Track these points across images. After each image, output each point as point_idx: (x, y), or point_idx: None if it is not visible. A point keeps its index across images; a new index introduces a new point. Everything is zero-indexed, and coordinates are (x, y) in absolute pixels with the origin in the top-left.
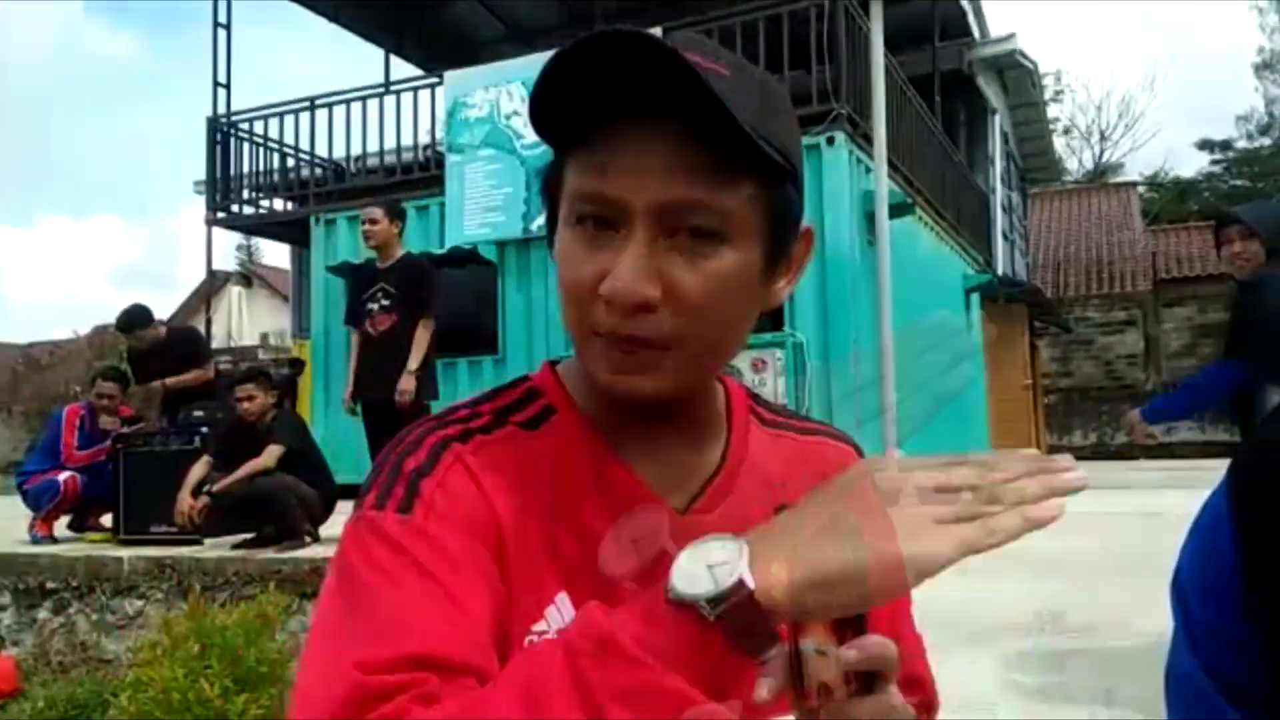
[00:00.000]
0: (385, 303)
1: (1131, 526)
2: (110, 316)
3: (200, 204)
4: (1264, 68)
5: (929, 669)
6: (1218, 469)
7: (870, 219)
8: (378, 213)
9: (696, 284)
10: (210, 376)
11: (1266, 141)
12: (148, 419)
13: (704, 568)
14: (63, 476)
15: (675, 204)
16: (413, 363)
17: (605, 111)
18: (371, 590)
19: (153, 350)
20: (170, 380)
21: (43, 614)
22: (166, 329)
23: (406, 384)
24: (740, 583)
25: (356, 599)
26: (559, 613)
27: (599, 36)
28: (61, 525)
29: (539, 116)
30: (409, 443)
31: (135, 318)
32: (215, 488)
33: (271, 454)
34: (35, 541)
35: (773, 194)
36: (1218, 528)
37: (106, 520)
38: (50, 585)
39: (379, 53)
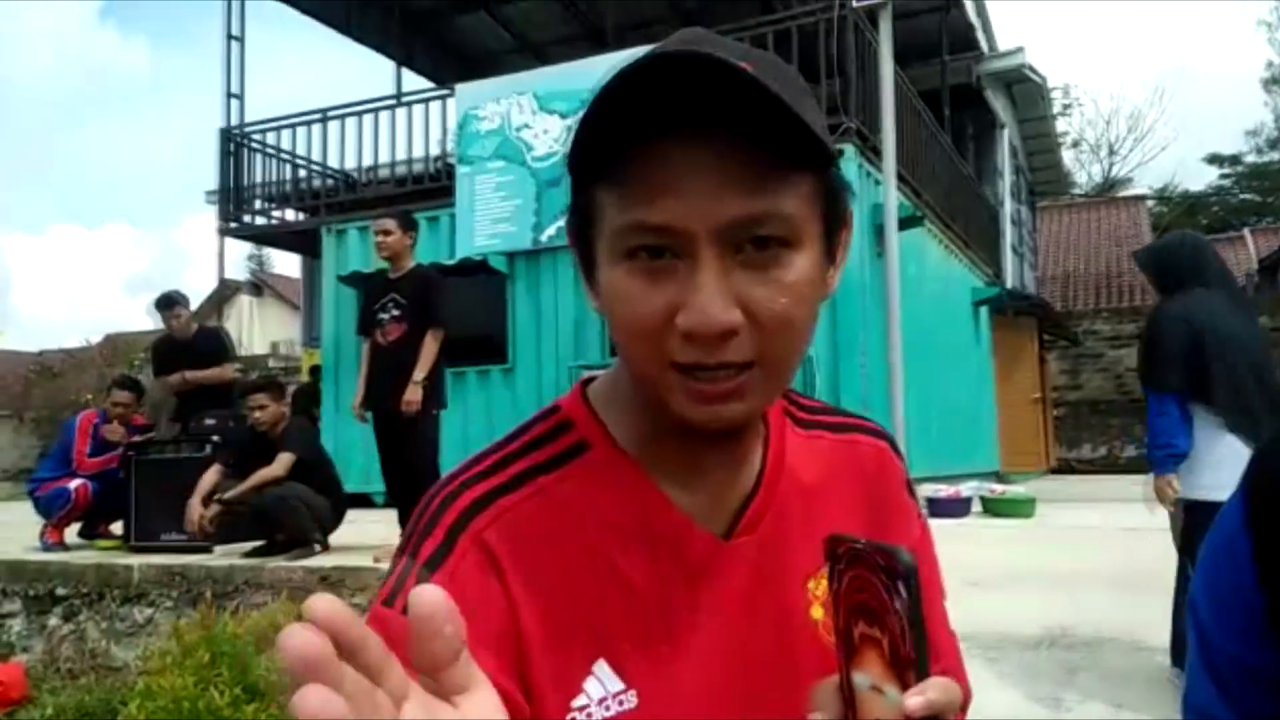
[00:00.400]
0: (396, 313)
1: (1141, 541)
2: (121, 325)
3: (212, 214)
4: (1273, 82)
5: (963, 667)
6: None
7: (879, 231)
8: (391, 223)
9: (774, 298)
10: (230, 377)
11: (1276, 156)
12: (159, 427)
13: None
14: (74, 484)
15: (739, 220)
16: (419, 373)
17: (644, 132)
18: None
19: (179, 343)
20: (190, 374)
21: (53, 621)
22: (197, 325)
23: (413, 394)
24: None
25: None
26: (599, 683)
27: (654, 61)
28: (72, 533)
29: (588, 144)
30: (430, 516)
31: (174, 297)
32: (226, 496)
33: (282, 463)
34: (46, 549)
35: (825, 186)
36: (1232, 549)
37: (117, 528)
38: (60, 592)
39: (390, 65)
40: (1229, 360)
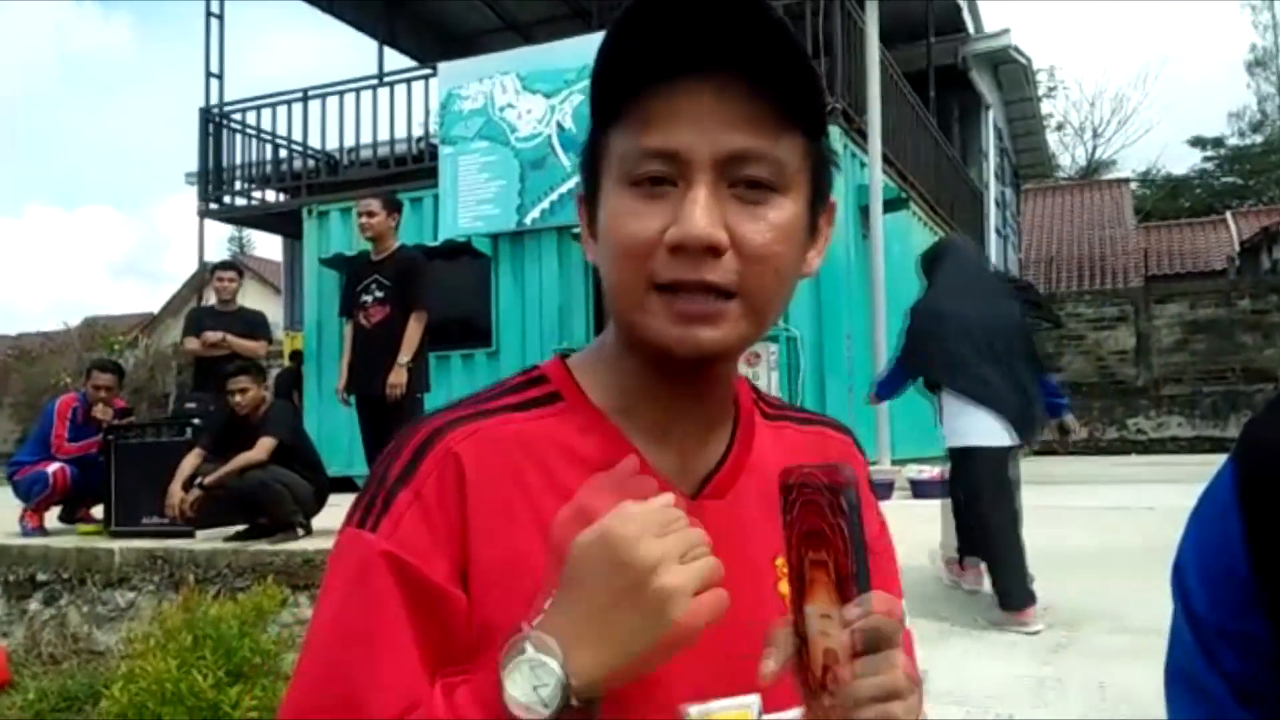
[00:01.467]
0: (379, 295)
1: (1123, 521)
2: (101, 309)
3: (192, 195)
4: (1256, 65)
5: (915, 663)
6: (1207, 463)
7: (864, 213)
8: (375, 204)
9: (759, 231)
10: (262, 353)
11: (1258, 139)
12: (138, 411)
13: (532, 691)
14: (52, 468)
15: (736, 154)
16: (403, 355)
17: (663, 68)
18: (322, 609)
19: (220, 312)
20: (232, 338)
21: (34, 606)
22: (240, 306)
23: (397, 377)
24: (567, 702)
25: (315, 612)
26: None
27: None
28: (53, 517)
29: (605, 77)
30: (400, 440)
31: (229, 262)
32: (207, 480)
33: (264, 446)
34: (26, 533)
35: (816, 146)
36: (1222, 520)
37: (98, 512)
38: (41, 577)
39: (372, 44)
40: (951, 342)
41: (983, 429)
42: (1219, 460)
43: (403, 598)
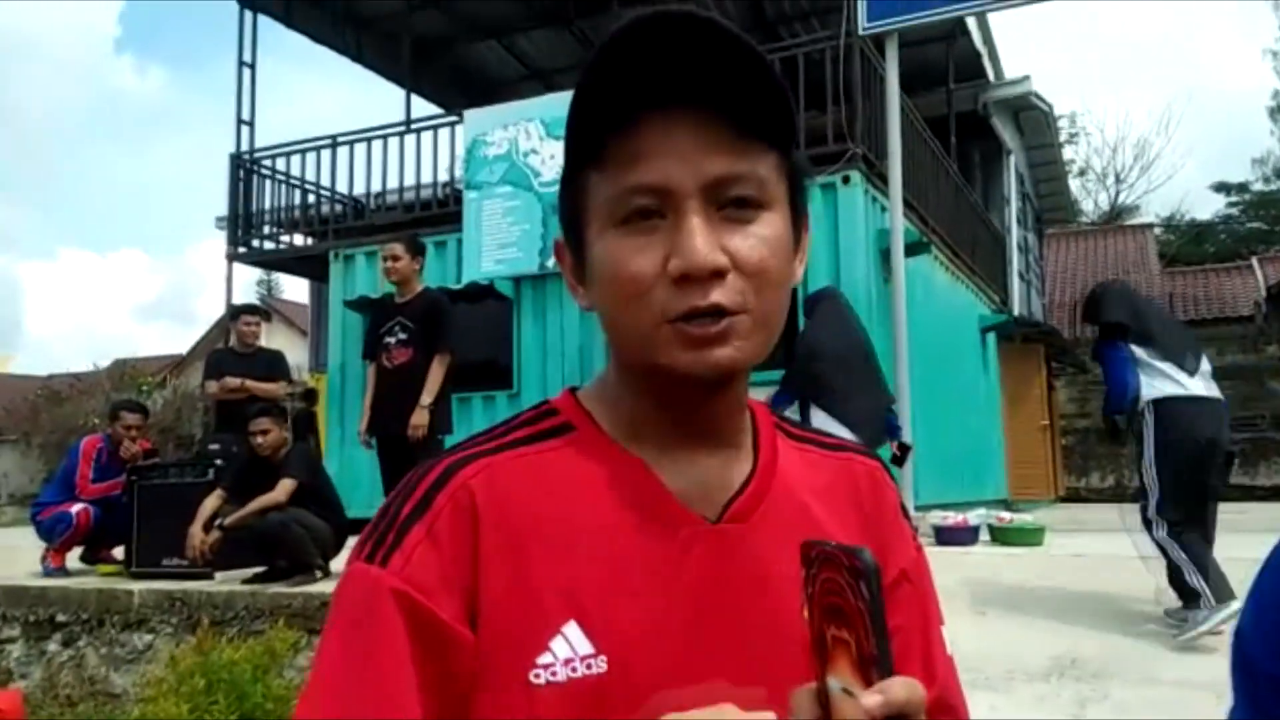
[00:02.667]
0: (403, 336)
1: (1143, 570)
2: (131, 351)
3: (221, 239)
4: (1278, 111)
5: (960, 691)
6: (1238, 510)
7: (886, 257)
8: (399, 248)
9: (753, 247)
10: (282, 395)
11: None
12: (165, 452)
13: None
14: (75, 509)
15: (721, 178)
16: (426, 397)
17: (637, 104)
18: (326, 643)
19: (240, 354)
20: (251, 382)
21: (52, 647)
22: (260, 348)
23: (419, 418)
24: None
25: (320, 645)
26: (568, 644)
27: (650, 20)
28: (74, 557)
29: (581, 119)
30: (415, 478)
31: (250, 306)
32: (227, 521)
33: (284, 488)
34: (47, 573)
35: (790, 165)
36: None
37: (119, 553)
38: (61, 618)
39: (400, 92)
40: (826, 369)
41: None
42: (1248, 509)
43: (409, 635)
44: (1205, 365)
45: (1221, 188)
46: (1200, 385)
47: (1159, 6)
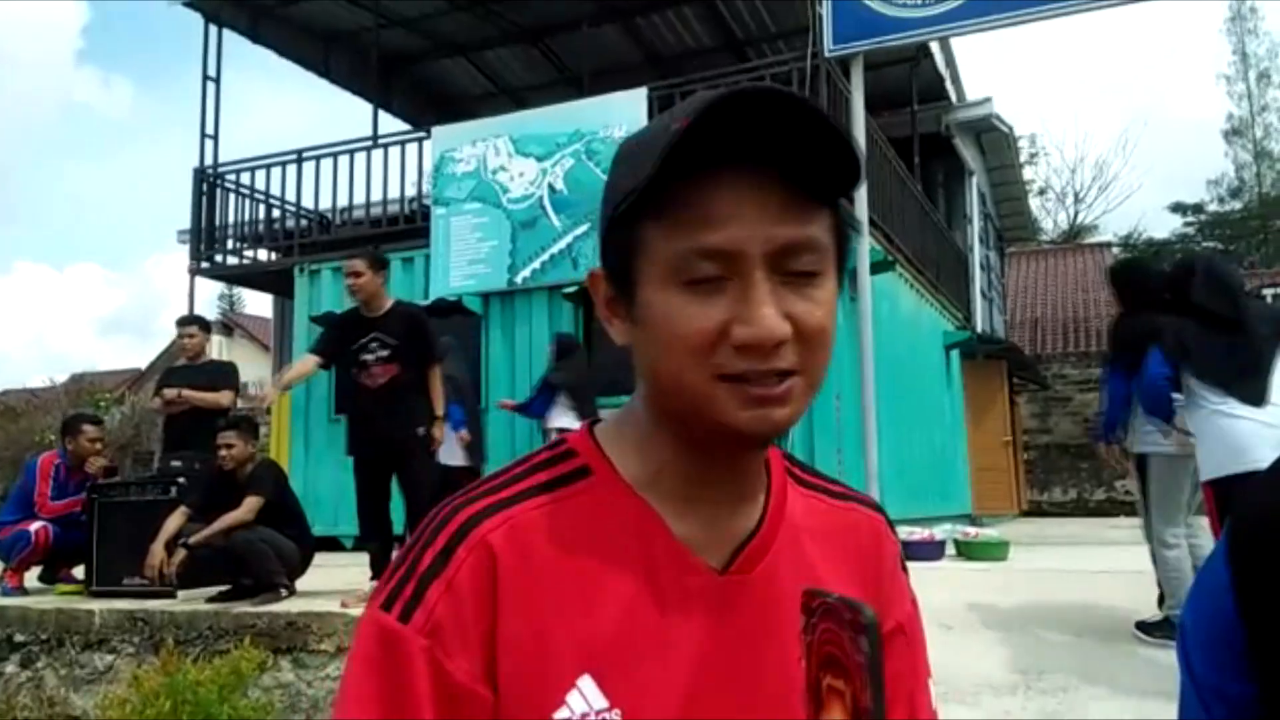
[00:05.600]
0: (384, 354)
1: (1113, 583)
2: (89, 366)
3: (182, 253)
4: (1233, 134)
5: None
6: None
7: (852, 276)
8: (360, 264)
9: (813, 314)
10: (225, 404)
11: (1237, 205)
12: (123, 469)
13: None
14: (34, 527)
15: (788, 245)
16: (438, 409)
17: (706, 164)
18: (350, 693)
19: (188, 368)
20: (188, 392)
21: (10, 668)
22: (209, 360)
23: (440, 432)
24: None
25: (342, 694)
26: (583, 698)
27: (729, 97)
28: (33, 577)
29: (654, 179)
30: (435, 526)
31: (191, 318)
32: (192, 540)
33: (250, 506)
34: (5, 593)
35: (839, 220)
36: (1219, 589)
37: (79, 572)
38: (19, 638)
39: (367, 107)
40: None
41: None
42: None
43: (431, 694)
44: None
45: (1178, 208)
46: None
47: (1118, 31)
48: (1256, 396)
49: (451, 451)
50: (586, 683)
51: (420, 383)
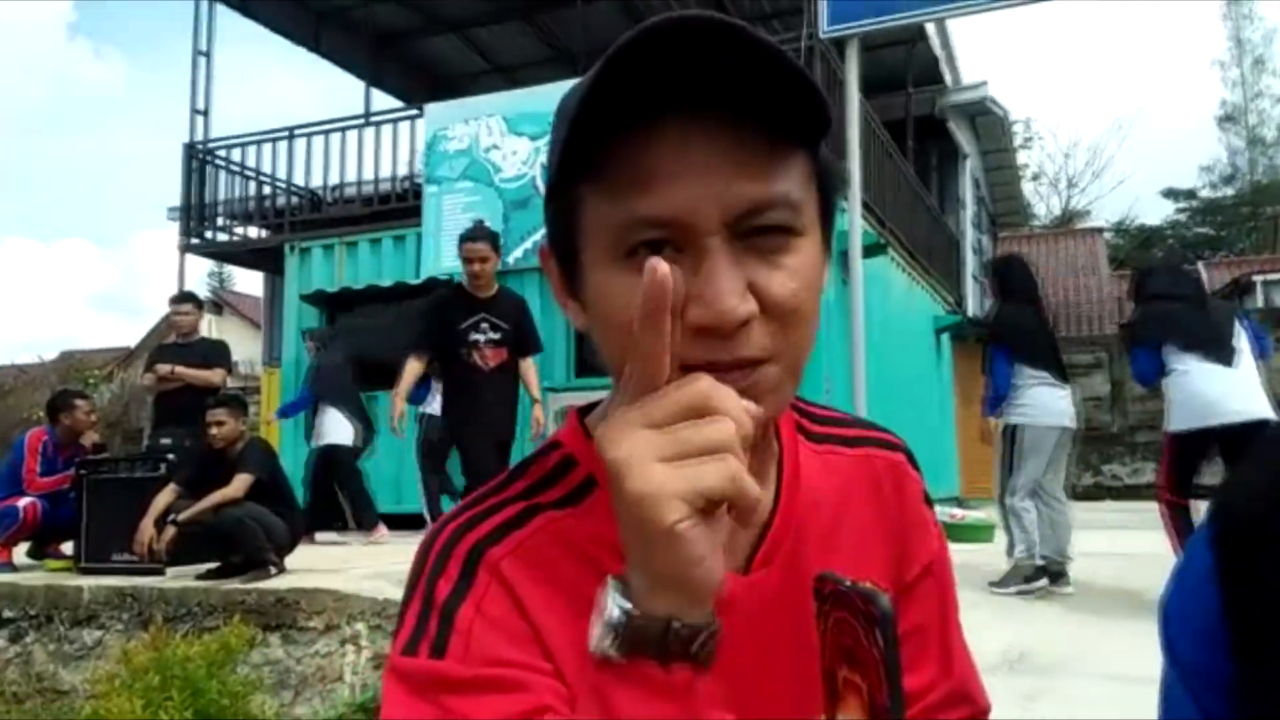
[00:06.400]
0: (495, 336)
1: (1100, 567)
2: (79, 343)
3: (172, 230)
4: (1226, 120)
5: (979, 681)
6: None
7: (844, 258)
8: (485, 248)
9: (785, 285)
10: (217, 382)
11: (1229, 191)
12: (112, 446)
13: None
14: (22, 503)
15: (749, 206)
16: (538, 393)
17: (638, 115)
18: None
19: (179, 345)
20: (180, 369)
21: None
22: (201, 338)
23: (540, 414)
24: (624, 613)
25: None
26: None
27: (659, 28)
28: (21, 552)
29: (576, 134)
30: (437, 555)
31: (183, 295)
32: (181, 517)
33: (240, 483)
34: None
35: (819, 163)
36: (1203, 575)
37: (68, 548)
38: (8, 614)
39: (359, 84)
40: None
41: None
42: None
43: (499, 707)
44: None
45: (1170, 194)
46: None
47: (1114, 17)
48: (1228, 358)
49: (342, 431)
50: None
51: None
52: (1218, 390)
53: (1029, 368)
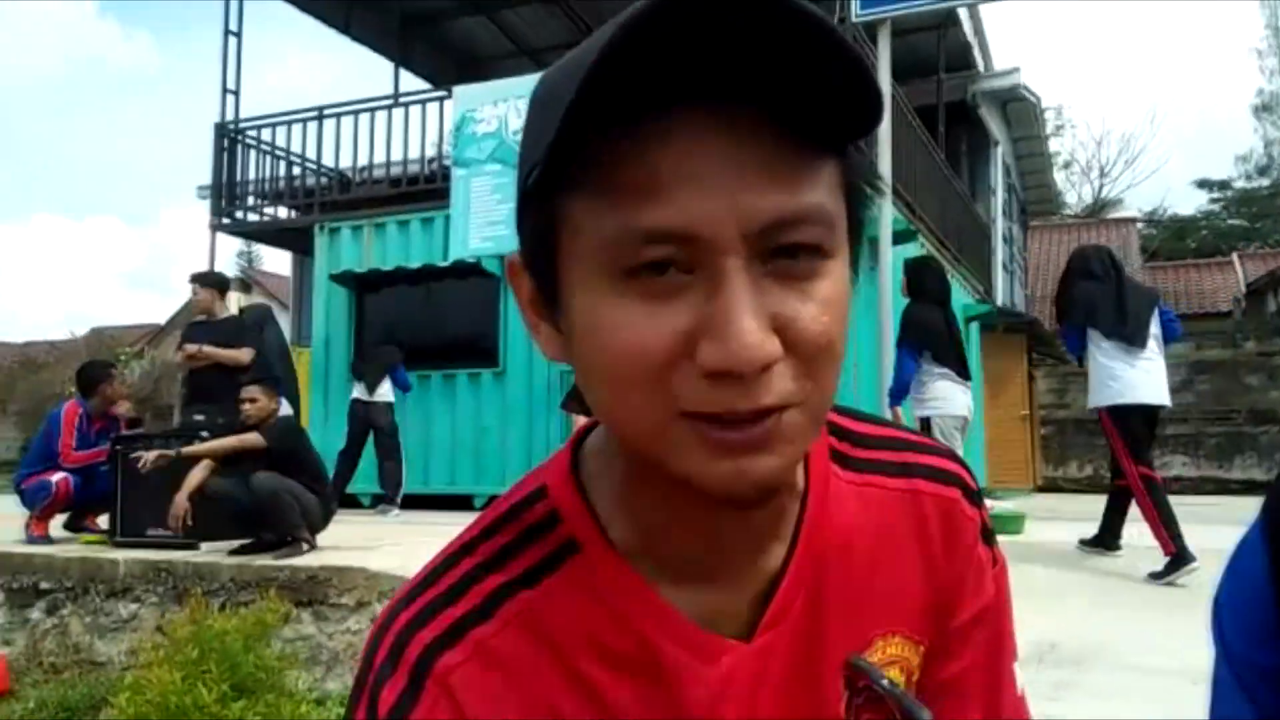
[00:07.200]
0: None
1: (1129, 559)
2: (109, 319)
3: (201, 209)
4: (1263, 110)
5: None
6: (1211, 504)
7: (873, 245)
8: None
9: (816, 320)
10: (244, 360)
11: (1265, 182)
12: (144, 422)
13: None
14: (55, 477)
15: (776, 220)
16: None
17: (644, 107)
18: None
19: (207, 324)
20: (208, 348)
21: (35, 615)
22: (231, 311)
23: None
24: None
25: None
26: None
27: (662, 6)
28: (57, 524)
29: (566, 132)
30: (385, 656)
31: (200, 276)
32: (185, 450)
33: (247, 439)
34: (30, 541)
35: (851, 166)
36: (1256, 571)
37: (103, 522)
38: (44, 586)
39: (388, 65)
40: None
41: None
42: (1222, 501)
43: None
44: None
45: (1204, 184)
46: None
47: (1148, 3)
48: (1141, 342)
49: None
50: None
51: None
52: (1131, 375)
53: (935, 364)
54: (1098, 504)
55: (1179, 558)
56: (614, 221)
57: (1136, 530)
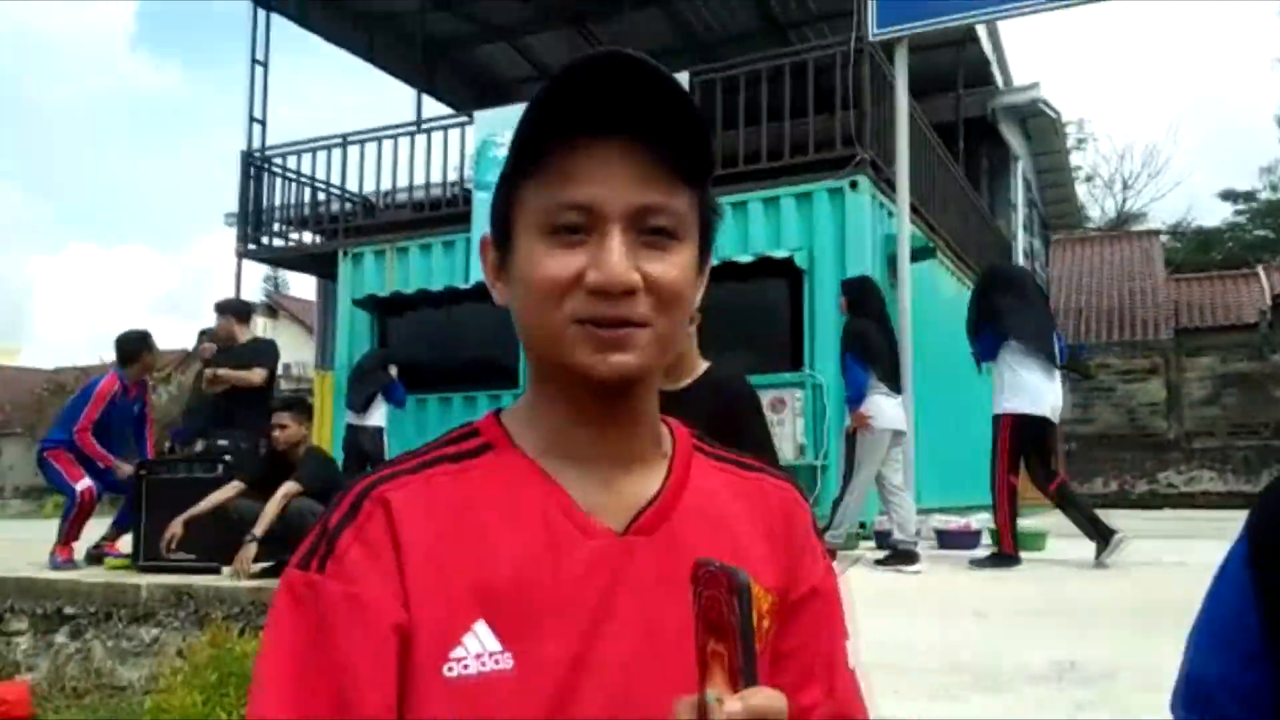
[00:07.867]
0: None
1: (1155, 576)
2: None
3: (229, 235)
4: None
5: (862, 704)
6: (1238, 519)
7: (892, 262)
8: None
9: (666, 273)
10: (256, 382)
11: None
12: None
13: None
14: (80, 486)
15: (646, 207)
16: None
17: (576, 128)
18: (265, 647)
19: (224, 350)
20: (222, 371)
21: (59, 639)
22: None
23: None
24: None
25: (264, 650)
26: (478, 640)
27: (603, 57)
28: (81, 550)
29: (527, 136)
30: (340, 495)
31: (220, 304)
32: (185, 516)
33: (283, 491)
34: (56, 566)
35: (704, 197)
36: (1237, 592)
37: (125, 546)
38: (68, 611)
39: (411, 92)
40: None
41: None
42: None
43: (353, 632)
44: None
45: (1229, 195)
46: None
47: (1170, 15)
48: (1054, 361)
49: None
50: (481, 627)
51: None
52: (1043, 391)
53: (875, 379)
54: (1122, 520)
55: (1010, 558)
56: (547, 196)
57: (1160, 546)
